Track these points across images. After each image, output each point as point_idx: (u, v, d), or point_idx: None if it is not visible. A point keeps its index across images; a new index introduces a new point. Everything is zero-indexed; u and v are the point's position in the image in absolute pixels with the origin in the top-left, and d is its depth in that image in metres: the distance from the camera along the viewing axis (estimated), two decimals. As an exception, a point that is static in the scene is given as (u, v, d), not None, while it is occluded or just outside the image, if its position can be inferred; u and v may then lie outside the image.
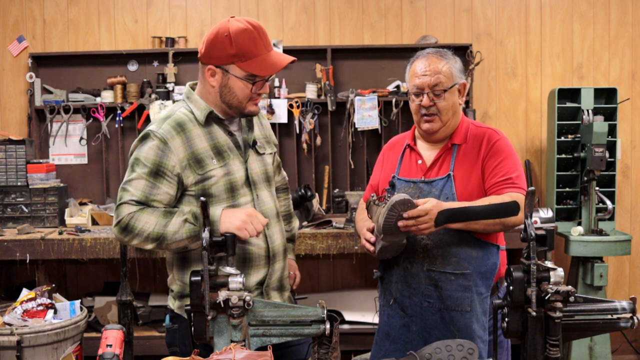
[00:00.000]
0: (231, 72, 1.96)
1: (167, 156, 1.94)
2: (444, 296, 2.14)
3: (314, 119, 4.23)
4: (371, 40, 4.44)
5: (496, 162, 2.16)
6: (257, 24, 1.97)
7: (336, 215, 4.19)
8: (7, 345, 2.88)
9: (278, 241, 2.13)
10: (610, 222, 4.08)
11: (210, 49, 1.96)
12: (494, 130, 2.25)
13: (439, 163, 2.23)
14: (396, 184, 2.25)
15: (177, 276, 2.07)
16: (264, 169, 2.13)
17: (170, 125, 1.98)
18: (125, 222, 1.91)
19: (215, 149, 2.01)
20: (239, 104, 2.01)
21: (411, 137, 2.33)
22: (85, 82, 4.36)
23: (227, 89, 1.98)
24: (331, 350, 1.82)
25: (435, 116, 2.18)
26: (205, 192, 1.98)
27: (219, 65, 1.96)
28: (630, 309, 1.65)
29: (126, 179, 1.97)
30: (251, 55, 1.93)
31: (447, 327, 2.14)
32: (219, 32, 1.94)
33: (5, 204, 3.98)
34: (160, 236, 1.90)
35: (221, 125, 2.05)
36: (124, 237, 1.94)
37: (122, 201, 1.93)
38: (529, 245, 1.60)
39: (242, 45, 1.92)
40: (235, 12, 4.43)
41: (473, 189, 2.16)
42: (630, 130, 4.48)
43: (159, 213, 1.92)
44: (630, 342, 4.26)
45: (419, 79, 2.18)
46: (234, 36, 1.91)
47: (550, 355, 1.60)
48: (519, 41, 4.46)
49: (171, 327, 2.10)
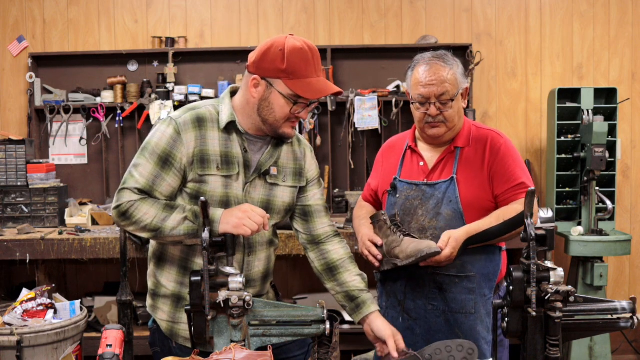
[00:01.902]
0: (275, 87, 1.90)
1: (177, 147, 1.92)
2: (449, 299, 2.14)
3: (314, 119, 4.23)
4: (371, 40, 4.44)
5: (504, 167, 2.15)
6: (314, 47, 1.94)
7: (336, 215, 4.19)
8: (7, 345, 2.88)
9: (258, 269, 2.05)
10: (610, 222, 4.07)
11: (261, 60, 1.91)
12: (497, 132, 2.23)
13: (441, 165, 2.21)
14: (398, 186, 2.24)
15: (152, 271, 2.07)
16: (267, 199, 2.03)
17: (191, 117, 1.95)
18: (125, 208, 1.89)
19: (225, 156, 1.96)
20: (275, 122, 1.94)
21: (412, 138, 2.31)
22: (85, 82, 4.36)
23: (267, 104, 1.93)
24: (331, 350, 1.82)
25: (442, 123, 2.17)
26: (200, 195, 1.93)
27: (265, 77, 1.91)
28: (630, 309, 1.65)
29: (135, 161, 1.94)
30: (300, 75, 1.89)
31: (451, 330, 2.14)
32: (274, 45, 1.90)
33: (5, 204, 3.98)
34: (157, 229, 1.88)
35: (239, 137, 1.99)
36: (120, 221, 1.91)
37: (125, 186, 1.91)
38: (529, 245, 1.60)
39: (293, 62, 1.87)
40: (235, 12, 4.43)
41: (477, 193, 2.15)
42: (630, 130, 4.48)
43: (160, 206, 1.89)
44: (630, 342, 4.26)
45: (424, 88, 2.14)
46: (287, 52, 1.87)
47: (550, 355, 1.60)
48: (519, 41, 4.46)
49: (152, 326, 2.09)
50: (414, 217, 2.18)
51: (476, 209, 2.14)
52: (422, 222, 2.16)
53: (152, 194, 1.91)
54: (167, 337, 2.03)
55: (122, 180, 1.94)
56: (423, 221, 2.16)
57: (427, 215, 2.16)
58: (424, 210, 2.17)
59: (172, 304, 2.01)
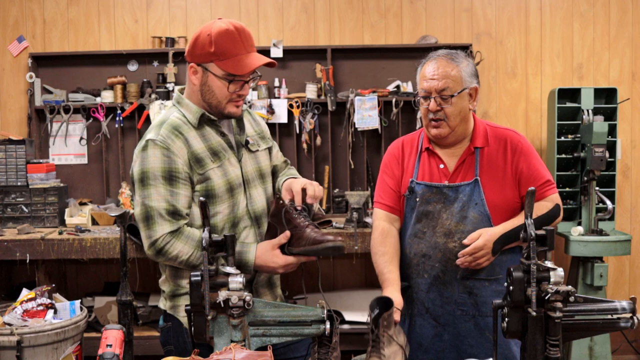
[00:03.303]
0: (210, 70, 1.99)
1: (174, 160, 1.96)
2: (479, 302, 2.13)
3: (314, 119, 4.23)
4: (371, 40, 4.44)
5: (528, 167, 2.15)
6: (241, 26, 2.00)
7: (336, 215, 4.19)
8: (7, 345, 2.88)
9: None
10: (610, 222, 4.07)
11: (193, 47, 2.02)
12: (513, 130, 2.22)
13: (463, 167, 2.17)
14: (415, 189, 2.20)
15: (169, 277, 2.09)
16: (257, 167, 2.15)
17: (168, 130, 2.00)
18: (160, 246, 1.95)
19: (210, 150, 2.03)
20: (218, 104, 2.02)
21: (427, 140, 2.25)
22: (85, 82, 4.36)
23: (207, 88, 2.01)
24: (331, 350, 1.82)
25: (443, 122, 2.13)
26: (208, 192, 2.00)
27: (200, 63, 2.01)
28: (630, 309, 1.65)
29: (142, 195, 1.96)
30: (229, 55, 1.97)
31: (481, 334, 2.13)
32: (202, 31, 2.00)
33: (5, 204, 3.98)
34: (195, 266, 1.97)
35: (213, 127, 2.07)
36: (156, 258, 1.99)
37: (153, 218, 1.94)
38: (529, 245, 1.60)
39: (220, 44, 1.96)
40: (236, 12, 4.43)
41: (502, 193, 2.13)
42: (630, 130, 4.48)
43: (194, 243, 1.96)
44: (630, 342, 4.26)
45: (427, 82, 2.14)
46: (214, 36, 1.96)
47: (550, 355, 1.60)
48: (519, 41, 4.46)
49: (165, 325, 2.11)
50: (438, 220, 2.15)
51: (503, 209, 2.12)
52: (448, 225, 2.14)
53: (178, 212, 1.96)
54: (185, 333, 2.04)
55: (142, 217, 1.96)
56: (449, 225, 2.14)
57: (452, 219, 2.14)
58: (449, 214, 2.14)
59: None
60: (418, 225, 2.19)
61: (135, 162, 2.00)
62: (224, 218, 2.03)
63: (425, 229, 2.17)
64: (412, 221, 2.20)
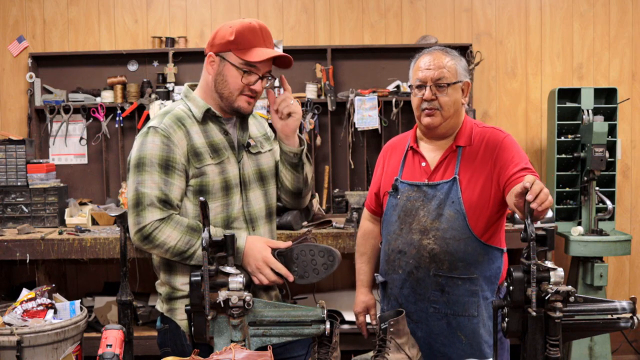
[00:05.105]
0: (227, 59, 2.00)
1: (172, 150, 1.96)
2: (451, 301, 2.13)
3: (314, 119, 4.23)
4: (371, 40, 4.44)
5: (505, 157, 2.12)
6: (263, 24, 2.03)
7: (336, 215, 4.19)
8: (7, 345, 2.87)
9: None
10: (610, 222, 4.08)
11: (213, 39, 2.03)
12: (498, 129, 2.22)
13: (443, 166, 2.19)
14: (399, 187, 2.23)
15: (164, 280, 2.09)
16: (257, 169, 2.14)
17: (171, 120, 2.01)
18: (148, 232, 1.93)
19: (211, 146, 2.03)
20: (230, 95, 2.02)
21: (413, 139, 2.29)
22: (85, 82, 4.36)
23: (221, 77, 2.02)
24: (331, 350, 1.82)
25: (437, 111, 2.15)
26: (202, 188, 2.00)
27: (218, 53, 2.02)
28: (630, 309, 1.65)
29: (136, 180, 1.96)
30: (248, 45, 1.98)
31: (453, 333, 2.14)
32: (225, 24, 2.03)
33: (5, 204, 3.98)
34: (181, 252, 1.95)
35: (217, 124, 2.07)
36: (143, 244, 1.96)
37: (142, 204, 1.93)
38: (529, 245, 1.60)
39: (241, 34, 1.98)
40: (235, 12, 4.43)
41: (480, 193, 2.13)
42: (630, 130, 4.48)
43: (183, 229, 1.94)
44: (630, 342, 4.26)
45: (422, 72, 2.16)
46: (236, 27, 1.99)
47: (550, 355, 1.60)
48: (519, 41, 4.46)
49: (162, 327, 2.11)
50: (415, 217, 2.17)
51: (480, 209, 2.12)
52: (424, 222, 2.15)
53: (170, 202, 1.95)
54: (182, 336, 2.04)
55: (133, 202, 1.95)
56: (425, 222, 2.15)
57: (428, 216, 2.15)
58: (426, 211, 2.16)
59: None
60: (397, 222, 2.21)
61: (135, 146, 2.01)
62: (216, 216, 2.02)
63: (403, 225, 2.19)
64: (393, 218, 2.23)
